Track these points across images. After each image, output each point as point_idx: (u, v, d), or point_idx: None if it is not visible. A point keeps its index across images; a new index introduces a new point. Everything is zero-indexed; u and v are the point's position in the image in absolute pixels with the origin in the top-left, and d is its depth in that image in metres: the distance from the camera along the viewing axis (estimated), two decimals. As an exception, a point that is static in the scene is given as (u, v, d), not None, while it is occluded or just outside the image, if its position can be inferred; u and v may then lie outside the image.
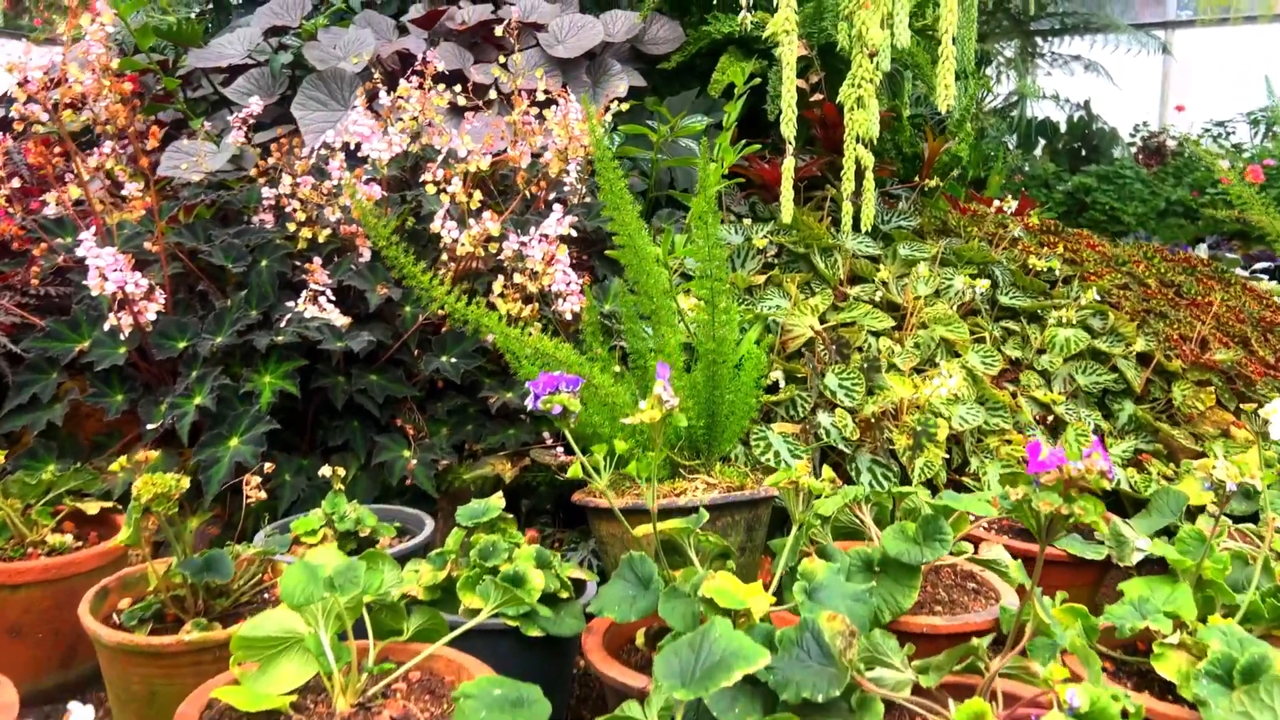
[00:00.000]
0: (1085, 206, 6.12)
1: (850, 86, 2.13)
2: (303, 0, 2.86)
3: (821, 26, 2.72)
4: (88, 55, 1.83)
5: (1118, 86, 9.00)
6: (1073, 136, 7.81)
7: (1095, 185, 6.16)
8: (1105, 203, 6.04)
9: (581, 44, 2.61)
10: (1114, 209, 6.00)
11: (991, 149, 6.91)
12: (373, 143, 1.67)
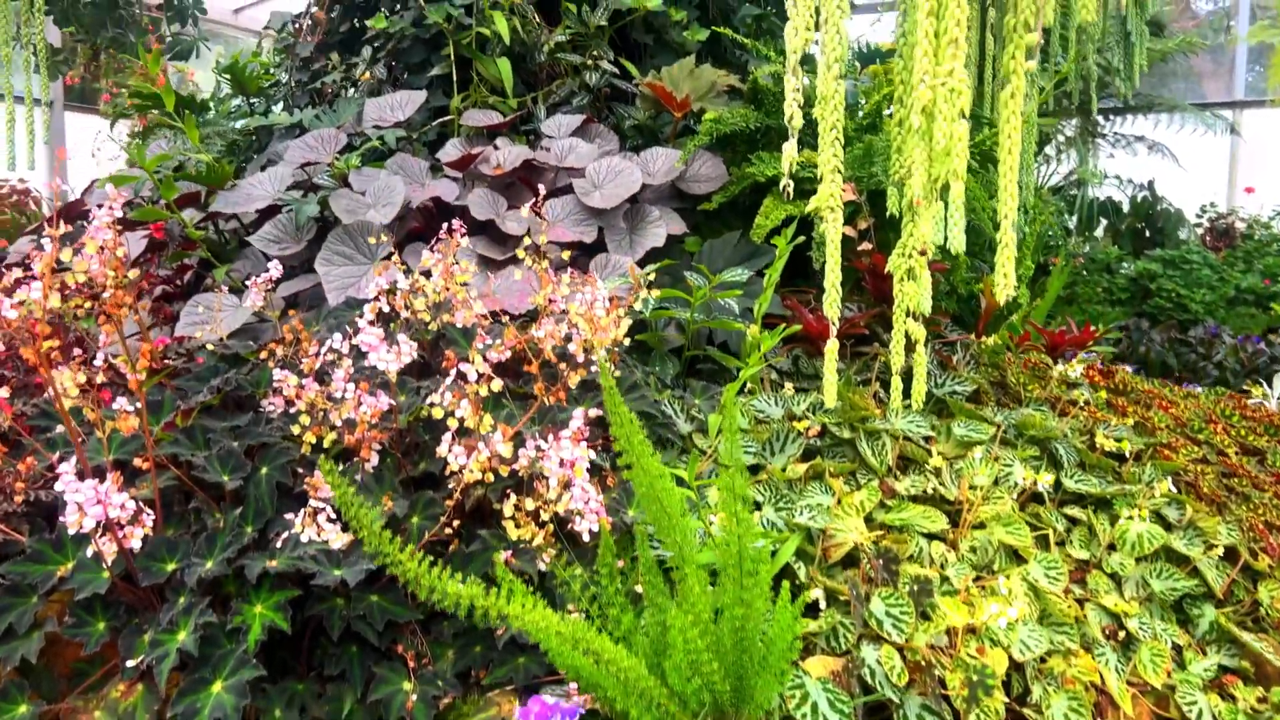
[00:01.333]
0: (1150, 293, 5.87)
1: (900, 256, 1.98)
2: (337, 135, 2.80)
3: (871, 171, 2.58)
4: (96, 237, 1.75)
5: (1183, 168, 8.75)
6: (1136, 217, 7.57)
7: (1160, 271, 5.91)
8: (1171, 289, 5.79)
9: (619, 192, 2.50)
10: (1180, 296, 5.74)
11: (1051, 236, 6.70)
12: (380, 353, 1.56)
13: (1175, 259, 5.96)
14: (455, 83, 3.05)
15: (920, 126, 1.62)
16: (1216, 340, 4.72)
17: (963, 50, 1.57)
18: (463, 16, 2.94)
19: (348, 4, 3.55)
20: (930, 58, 1.60)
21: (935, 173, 1.65)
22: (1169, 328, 5.42)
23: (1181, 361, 4.69)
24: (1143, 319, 5.50)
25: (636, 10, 3.12)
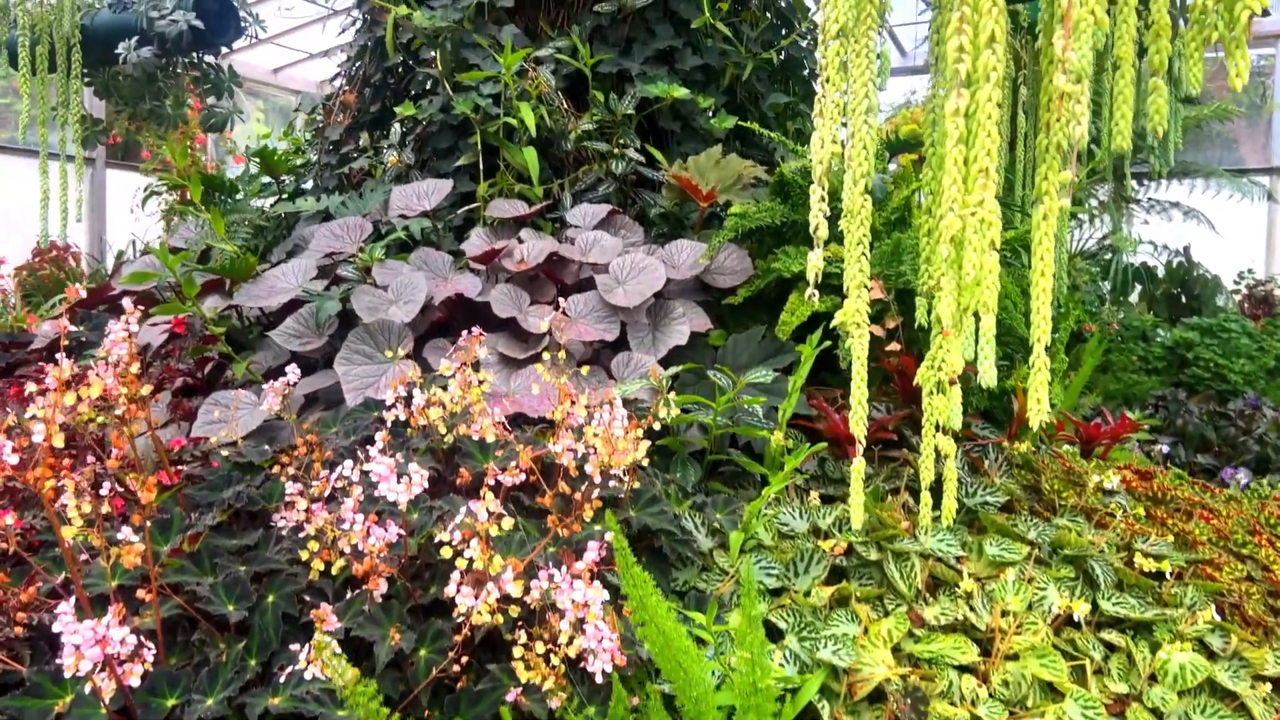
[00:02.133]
0: (1187, 362, 5.75)
1: (929, 369, 1.93)
2: (362, 223, 2.80)
3: (899, 270, 2.53)
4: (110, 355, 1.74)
5: (1219, 234, 8.63)
6: (1172, 283, 7.45)
7: (1198, 339, 5.78)
8: (1209, 359, 5.66)
9: (642, 289, 2.47)
10: (1219, 366, 5.60)
11: (1085, 303, 6.60)
12: (390, 484, 1.52)
13: (1213, 327, 5.85)
14: (482, 169, 3.05)
15: (949, 256, 1.57)
16: (1257, 413, 4.59)
17: (994, 180, 1.52)
18: (490, 106, 2.95)
19: (377, 85, 3.58)
20: (959, 185, 1.55)
21: (964, 302, 1.60)
22: (1207, 398, 5.29)
23: (1221, 436, 4.56)
24: (1180, 388, 5.37)
25: (664, 99, 3.11)
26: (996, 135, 1.53)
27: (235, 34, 4.48)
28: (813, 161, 1.97)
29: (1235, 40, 1.38)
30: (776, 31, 3.60)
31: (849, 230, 1.91)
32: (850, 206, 1.89)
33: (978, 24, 1.52)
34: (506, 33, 3.16)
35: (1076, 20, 1.32)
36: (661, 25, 3.28)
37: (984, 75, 1.50)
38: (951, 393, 1.91)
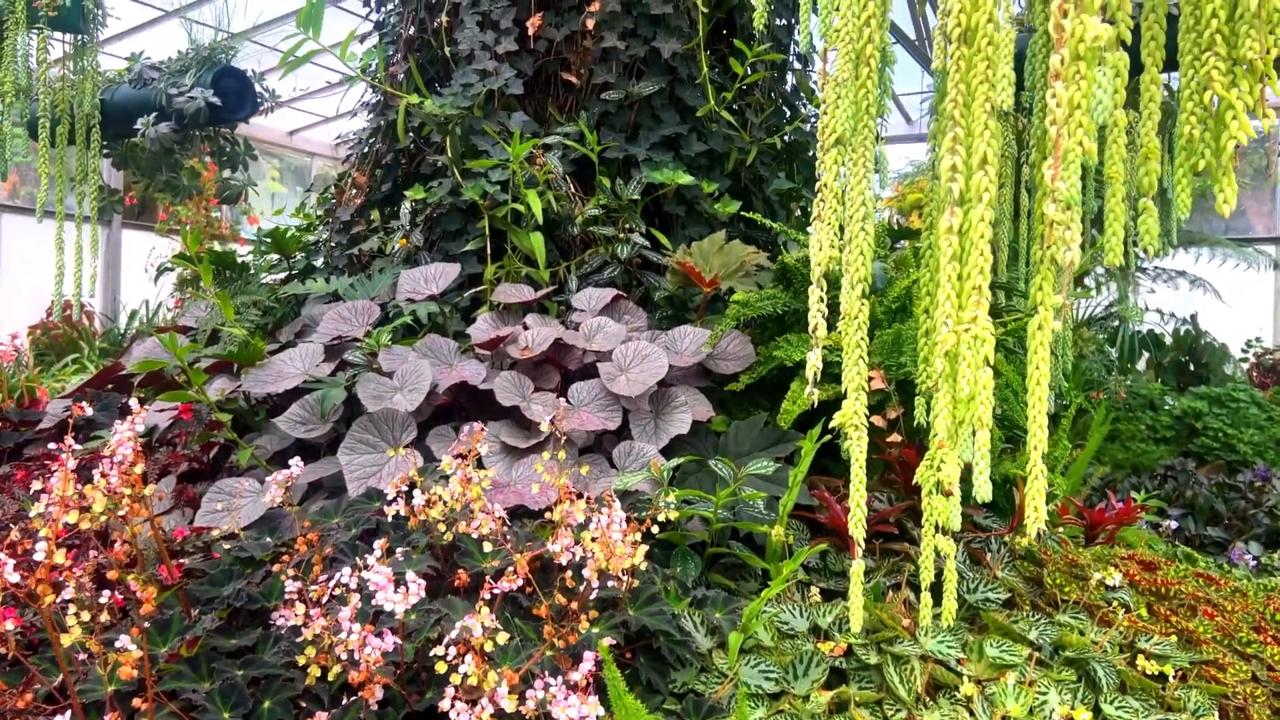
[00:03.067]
0: (1195, 431, 5.72)
1: (928, 469, 1.93)
2: (370, 307, 2.83)
3: (900, 361, 2.55)
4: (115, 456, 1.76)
5: (1225, 303, 8.64)
6: (1179, 351, 7.45)
7: (1206, 409, 5.76)
8: (1218, 428, 5.62)
9: (644, 378, 2.49)
10: (1228, 435, 5.57)
11: (1093, 373, 6.59)
12: (388, 593, 1.53)
13: (1221, 396, 5.84)
14: (490, 252, 3.10)
15: (945, 370, 1.59)
16: (1267, 485, 4.56)
17: (986, 297, 1.55)
18: (498, 193, 3.01)
19: (388, 164, 3.65)
20: (953, 301, 1.58)
21: (960, 416, 1.62)
22: (1217, 469, 5.25)
23: (1231, 508, 4.53)
24: (1189, 458, 5.34)
25: (668, 185, 3.17)
26: (989, 254, 1.55)
27: (252, 110, 4.59)
28: (812, 264, 2.00)
29: (1222, 168, 1.42)
30: (781, 116, 3.67)
31: (846, 333, 1.93)
32: (848, 310, 1.92)
33: (970, 145, 1.56)
34: (515, 120, 3.23)
35: (1065, 151, 1.35)
36: (667, 112, 3.35)
37: (976, 196, 1.53)
38: (950, 499, 1.91)
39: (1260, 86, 1.37)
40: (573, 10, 3.49)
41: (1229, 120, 1.37)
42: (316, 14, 2.83)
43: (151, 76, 4.46)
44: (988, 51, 1.52)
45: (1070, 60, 1.35)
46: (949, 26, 1.59)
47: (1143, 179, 1.60)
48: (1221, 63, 1.38)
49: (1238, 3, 1.35)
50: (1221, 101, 1.38)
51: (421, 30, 3.67)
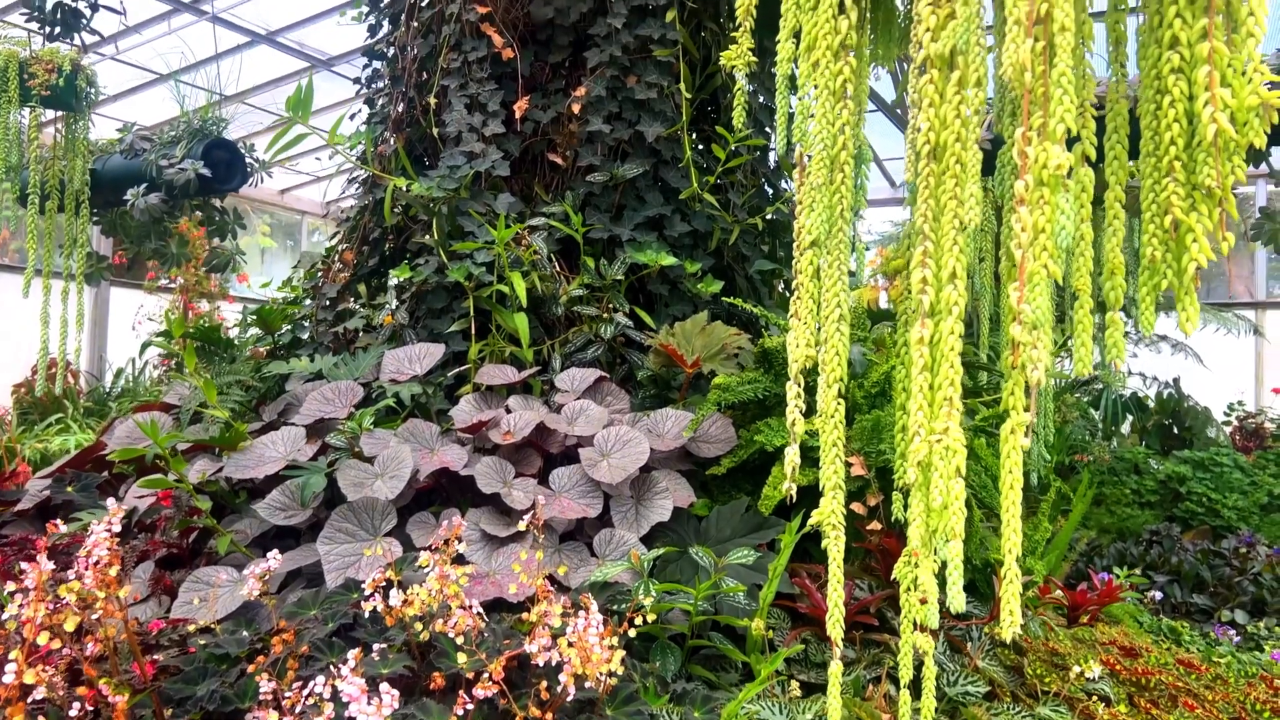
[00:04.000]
0: (1180, 496, 5.74)
1: (905, 565, 1.94)
2: (353, 388, 2.84)
3: (879, 448, 2.57)
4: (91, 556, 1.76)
5: (1207, 367, 8.72)
6: (1163, 414, 7.50)
7: (1190, 474, 5.79)
8: (1202, 493, 5.65)
9: (626, 464, 2.50)
10: (1212, 500, 5.60)
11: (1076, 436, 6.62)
12: (361, 704, 1.52)
13: (1205, 460, 5.87)
14: (474, 330, 3.12)
15: (918, 480, 1.61)
16: (1252, 551, 4.57)
17: (958, 409, 1.57)
18: (483, 274, 3.04)
19: (375, 240, 3.69)
20: (925, 411, 1.60)
21: (933, 525, 1.63)
22: (1202, 534, 5.26)
23: (1216, 575, 4.53)
24: (1174, 523, 5.36)
25: (652, 266, 3.21)
26: (960, 366, 1.58)
27: (242, 180, 4.64)
28: (790, 361, 2.03)
29: (1184, 288, 1.45)
30: (763, 195, 3.73)
31: (823, 431, 1.95)
32: (824, 409, 1.94)
33: (940, 259, 1.60)
34: (501, 201, 3.27)
35: (1031, 274, 1.39)
36: (651, 193, 3.40)
37: (947, 309, 1.57)
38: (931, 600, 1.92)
39: (1219, 211, 1.41)
40: (559, 93, 3.56)
41: (1189, 243, 1.41)
42: (306, 100, 2.88)
43: (143, 147, 4.51)
44: (955, 170, 1.57)
45: (1034, 186, 1.39)
46: (918, 143, 1.64)
47: (1109, 293, 1.63)
48: (1180, 188, 1.42)
49: (1195, 131, 1.39)
50: (1181, 225, 1.42)
51: (410, 108, 3.73)
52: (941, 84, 1.61)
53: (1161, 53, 1.44)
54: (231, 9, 7.68)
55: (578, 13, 3.46)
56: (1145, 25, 1.51)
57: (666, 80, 3.38)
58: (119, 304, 9.86)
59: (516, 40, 3.54)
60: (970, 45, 1.54)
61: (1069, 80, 1.36)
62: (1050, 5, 1.38)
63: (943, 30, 1.61)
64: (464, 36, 3.47)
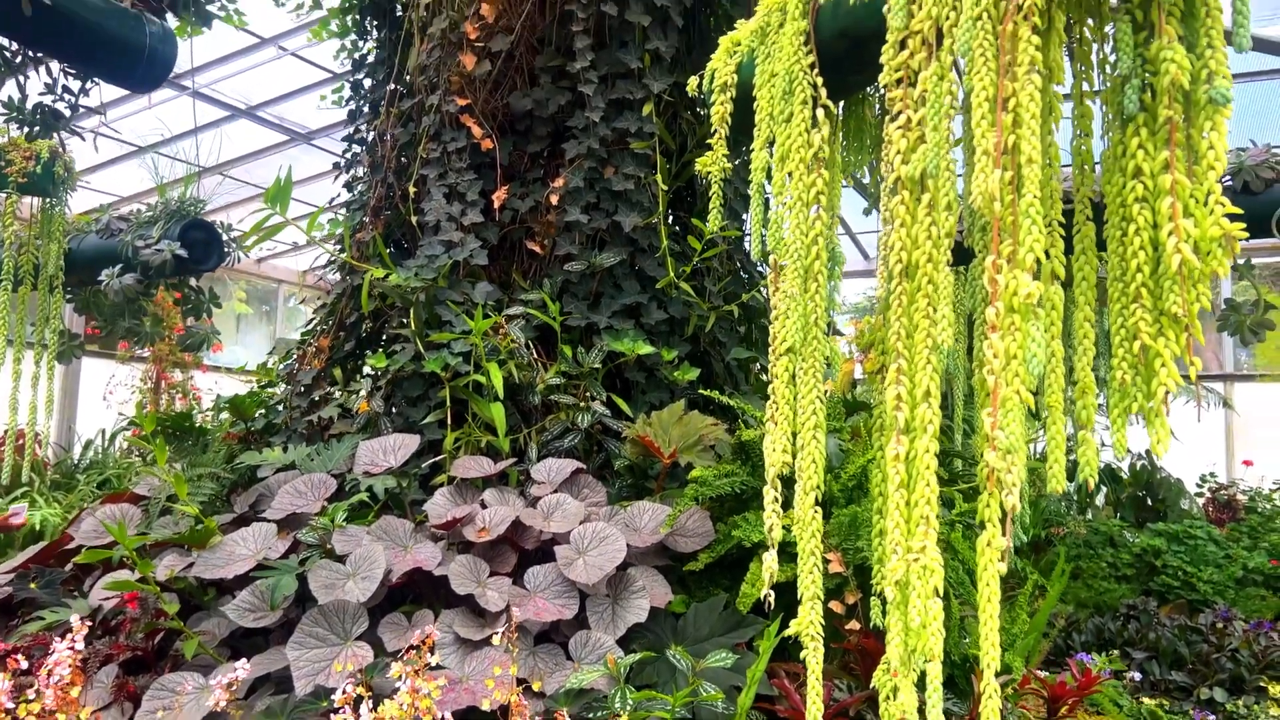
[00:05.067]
0: (1156, 570, 5.74)
1: (884, 673, 1.92)
2: (327, 481, 2.81)
3: (857, 545, 2.57)
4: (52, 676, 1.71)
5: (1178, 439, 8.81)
6: (1137, 485, 7.54)
7: (1165, 547, 5.79)
8: (1177, 566, 5.65)
9: (602, 563, 2.47)
10: (1188, 574, 5.59)
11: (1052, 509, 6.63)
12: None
13: (1179, 533, 5.89)
14: (450, 418, 3.10)
15: (895, 598, 1.60)
16: (1229, 626, 4.56)
17: (934, 527, 1.57)
18: (460, 364, 3.04)
19: (352, 324, 3.68)
20: (902, 529, 1.60)
21: (912, 644, 1.62)
22: (1179, 608, 5.25)
23: (1194, 651, 4.51)
24: (1150, 596, 5.34)
25: (628, 354, 3.22)
26: (936, 485, 1.58)
27: (218, 260, 4.62)
28: (766, 465, 2.03)
29: (1154, 410, 1.47)
30: (739, 282, 3.76)
31: (801, 539, 1.95)
32: (801, 517, 1.94)
33: (914, 377, 1.61)
34: (480, 290, 3.28)
35: (1004, 399, 1.40)
36: (628, 281, 3.43)
37: (921, 428, 1.58)
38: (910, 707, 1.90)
39: (1186, 336, 1.44)
40: (538, 182, 3.60)
41: (1158, 367, 1.43)
42: (284, 192, 2.90)
43: (119, 227, 4.50)
44: (928, 290, 1.59)
45: (1005, 313, 1.41)
46: (890, 260, 1.66)
47: (1080, 412, 1.65)
48: (1147, 314, 1.45)
49: (1160, 259, 1.42)
50: (1150, 350, 1.44)
51: (389, 194, 3.76)
52: (912, 205, 1.64)
53: (1126, 181, 1.48)
54: (212, 85, 7.75)
55: (556, 105, 3.52)
56: (1109, 152, 1.55)
57: (644, 171, 3.43)
58: (90, 373, 9.75)
59: (496, 130, 3.59)
60: (940, 170, 1.57)
61: (1037, 211, 1.40)
62: (1018, 138, 1.41)
63: (913, 153, 1.65)
64: (443, 127, 3.51)
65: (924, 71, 1.61)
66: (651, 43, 3.43)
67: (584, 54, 3.34)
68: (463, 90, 3.47)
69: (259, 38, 7.08)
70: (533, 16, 3.54)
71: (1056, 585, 4.44)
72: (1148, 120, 1.46)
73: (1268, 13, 6.25)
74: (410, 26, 3.76)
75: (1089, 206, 1.65)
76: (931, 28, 1.61)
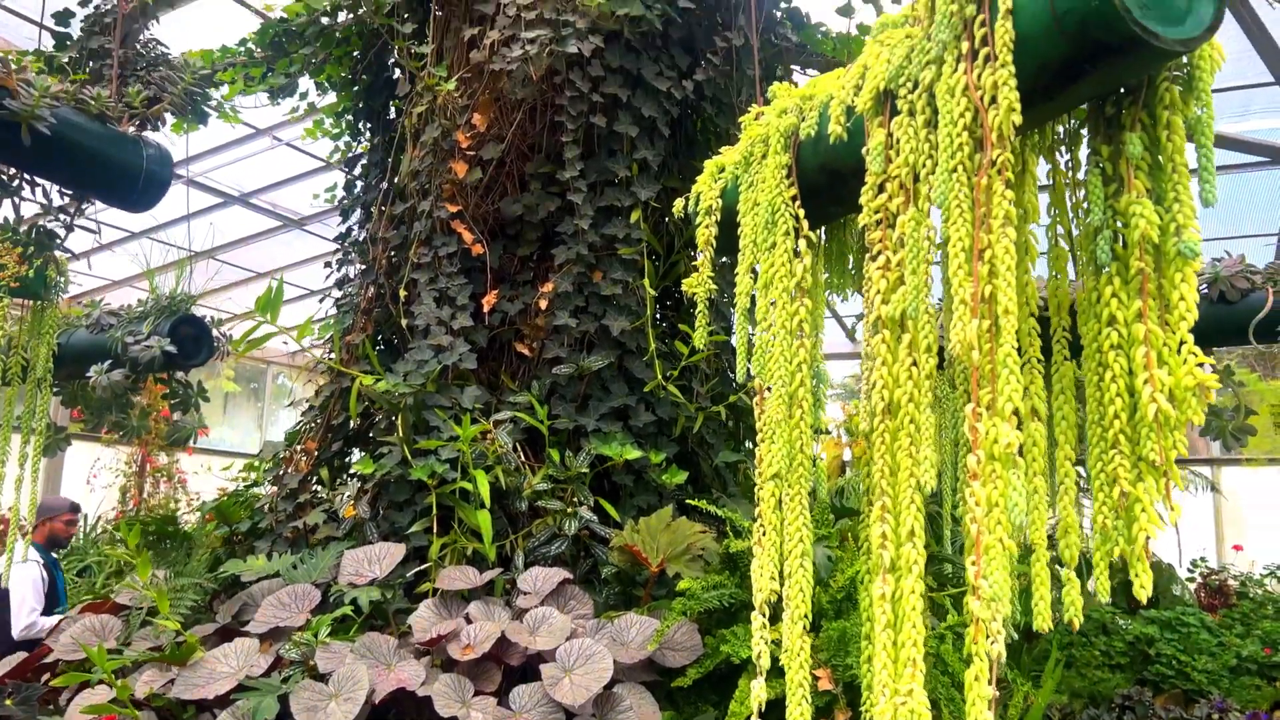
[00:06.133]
0: (1150, 658, 5.67)
1: (876, 806, 1.89)
2: (311, 592, 2.79)
3: (846, 662, 2.54)
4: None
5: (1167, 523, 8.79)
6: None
7: (1158, 635, 5.73)
8: (1171, 654, 5.59)
9: (588, 683, 2.44)
10: (1181, 663, 5.53)
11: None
12: None
13: (1172, 620, 5.84)
14: (436, 525, 3.09)
15: (884, 740, 1.58)
16: (1224, 718, 4.50)
17: (921, 670, 1.57)
18: (447, 471, 3.03)
19: (338, 425, 3.68)
20: (889, 669, 1.60)
21: (902, 789, 1.60)
22: (1174, 699, 5.19)
23: (1190, 745, 4.46)
24: (1145, 686, 5.28)
25: (616, 459, 3.22)
26: (922, 626, 1.59)
27: (208, 355, 4.63)
28: (754, 592, 2.02)
29: (1136, 555, 1.48)
30: (726, 382, 3.79)
31: (789, 668, 1.93)
32: (789, 645, 1.93)
33: (898, 515, 1.62)
34: (468, 394, 3.30)
35: (987, 547, 1.41)
36: (616, 383, 3.45)
37: (907, 568, 1.58)
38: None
39: (1165, 482, 1.45)
40: (527, 284, 3.65)
41: (1139, 513, 1.45)
42: (275, 301, 2.93)
43: (109, 322, 4.52)
44: (910, 430, 1.61)
45: (986, 461, 1.43)
46: (873, 398, 1.69)
47: (1064, 551, 1.66)
48: (1126, 460, 1.47)
49: (1136, 405, 1.45)
50: (1130, 495, 1.46)
51: (380, 294, 3.80)
52: (893, 344, 1.67)
53: (1101, 328, 1.51)
54: (206, 173, 7.86)
55: (546, 210, 3.58)
56: (1084, 297, 1.59)
57: (631, 276, 3.48)
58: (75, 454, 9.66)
59: (487, 233, 3.64)
60: (919, 312, 1.61)
61: (1015, 361, 1.42)
62: (994, 288, 1.45)
63: (893, 293, 1.68)
64: (435, 232, 3.57)
65: (902, 216, 1.66)
66: (639, 152, 3.51)
67: (573, 164, 3.41)
68: (454, 197, 3.53)
69: (254, 128, 7.20)
70: (524, 124, 3.62)
71: (1050, 680, 4.40)
72: (1120, 269, 1.50)
73: (1236, 110, 6.45)
74: (403, 132, 3.84)
75: (1066, 346, 1.68)
76: (909, 174, 1.66)
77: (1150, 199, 1.48)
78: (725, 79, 3.75)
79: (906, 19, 1.75)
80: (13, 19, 6.15)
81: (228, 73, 4.48)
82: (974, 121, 1.51)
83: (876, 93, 1.74)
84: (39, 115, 2.18)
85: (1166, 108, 1.48)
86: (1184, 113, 1.49)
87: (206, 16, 6.21)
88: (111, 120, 2.51)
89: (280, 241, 9.43)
